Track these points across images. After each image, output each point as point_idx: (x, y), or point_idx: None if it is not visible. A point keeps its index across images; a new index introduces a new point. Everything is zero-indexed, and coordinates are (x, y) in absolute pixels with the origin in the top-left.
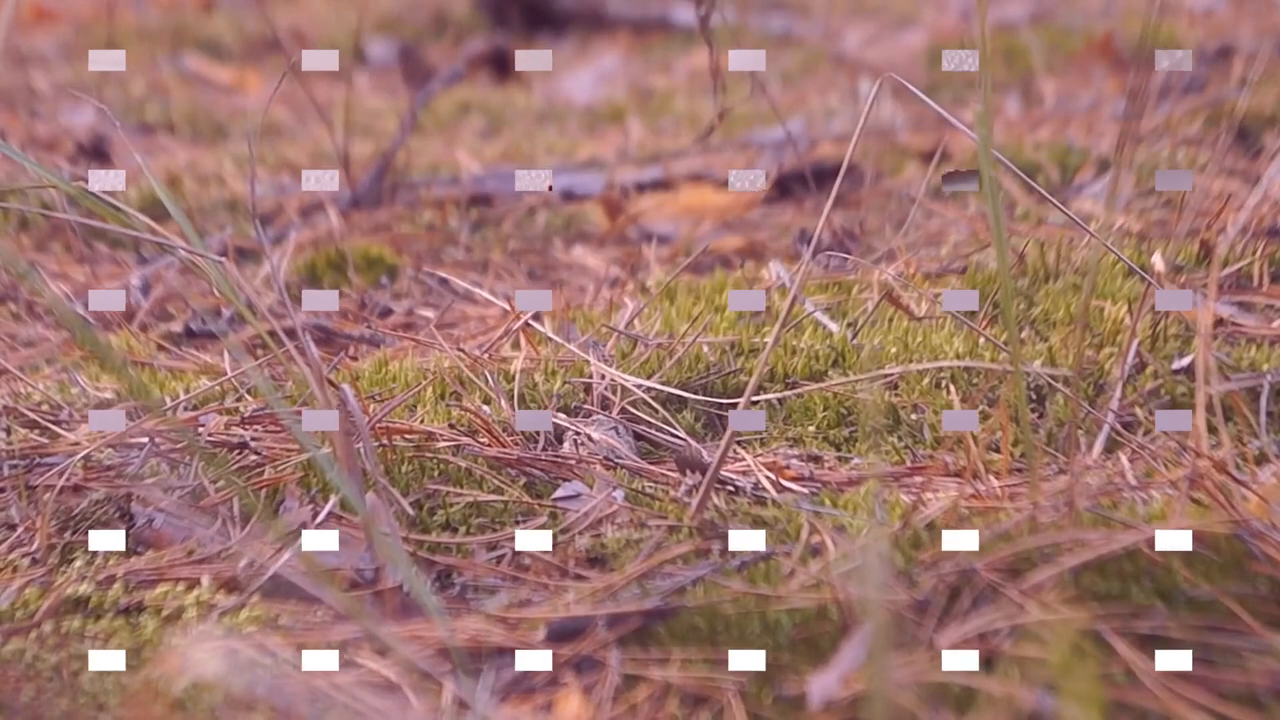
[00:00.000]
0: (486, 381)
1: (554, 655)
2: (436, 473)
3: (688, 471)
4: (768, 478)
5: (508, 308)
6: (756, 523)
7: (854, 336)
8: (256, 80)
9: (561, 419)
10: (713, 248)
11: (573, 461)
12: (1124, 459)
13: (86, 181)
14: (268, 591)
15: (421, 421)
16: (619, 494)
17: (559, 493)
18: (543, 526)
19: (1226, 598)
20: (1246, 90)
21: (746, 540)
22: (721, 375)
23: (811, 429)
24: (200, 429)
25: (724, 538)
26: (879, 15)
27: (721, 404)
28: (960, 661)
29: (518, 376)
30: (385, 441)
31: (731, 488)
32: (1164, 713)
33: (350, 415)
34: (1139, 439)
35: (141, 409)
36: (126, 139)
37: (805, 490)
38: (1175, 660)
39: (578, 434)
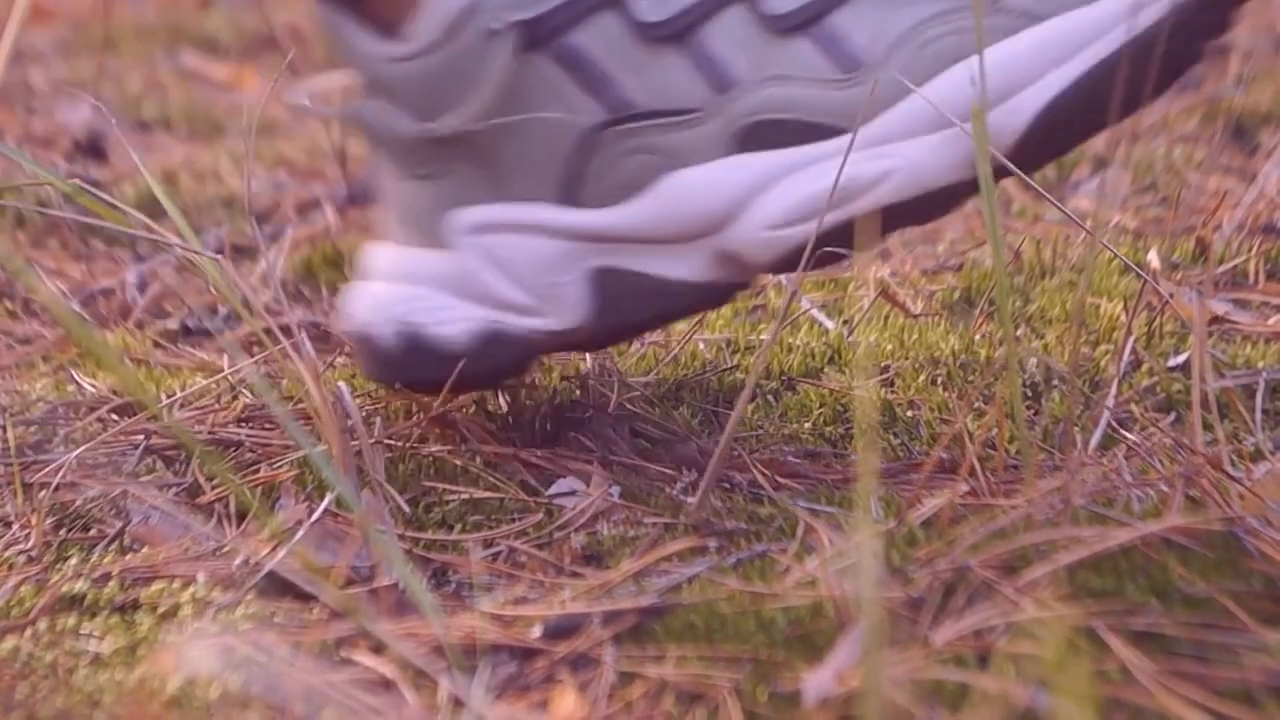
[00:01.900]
0: None
1: (550, 653)
2: (432, 470)
3: (684, 469)
4: (763, 474)
5: None
6: (753, 520)
7: (850, 334)
8: (254, 77)
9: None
10: None
11: (569, 457)
12: (1120, 456)
13: (83, 179)
14: (263, 589)
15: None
16: (615, 490)
17: (554, 489)
18: (538, 524)
19: (1222, 595)
20: (1243, 87)
21: None
22: (718, 372)
23: (808, 425)
24: (197, 426)
25: (721, 535)
26: None
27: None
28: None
29: None
30: (386, 440)
31: (727, 484)
32: (1159, 710)
33: (347, 413)
34: (1135, 436)
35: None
36: (123, 136)
37: (801, 487)
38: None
39: (574, 431)
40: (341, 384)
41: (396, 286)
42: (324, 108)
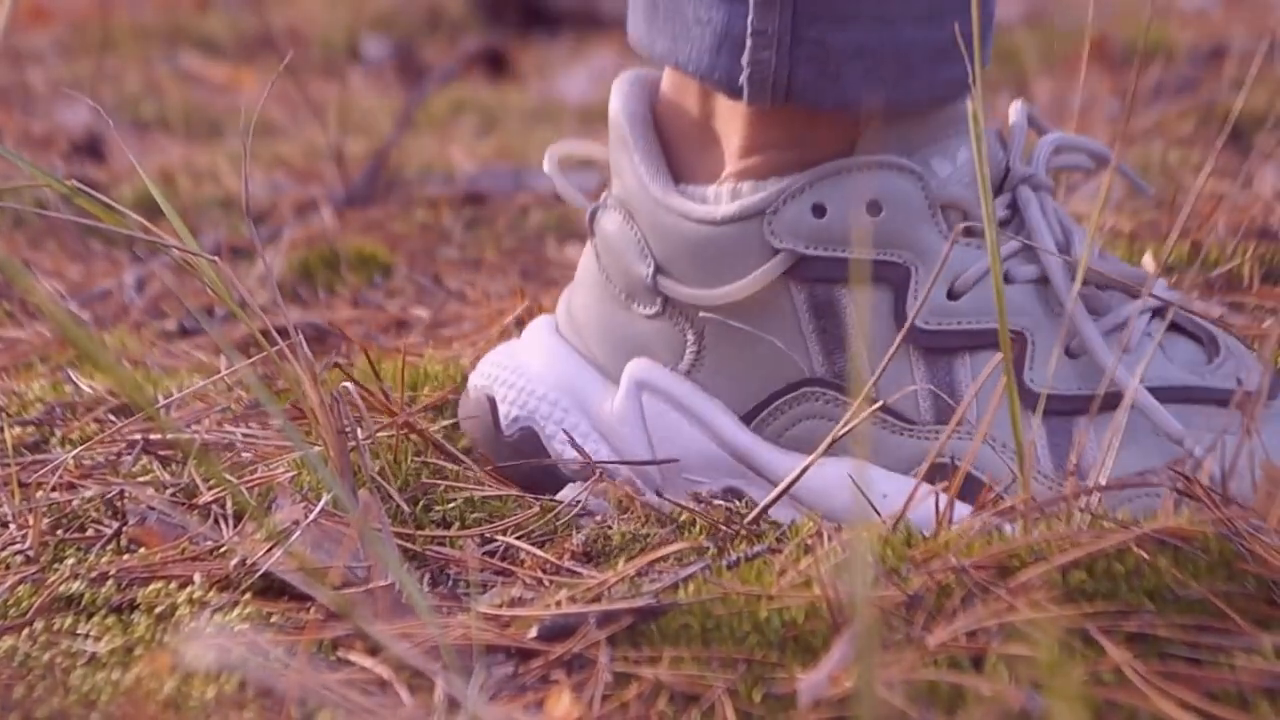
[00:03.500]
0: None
1: (546, 654)
2: (434, 470)
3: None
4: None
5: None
6: (758, 522)
7: None
8: (252, 78)
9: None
10: None
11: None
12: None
13: (81, 180)
14: (259, 590)
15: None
16: (650, 494)
17: (560, 495)
18: (539, 523)
19: (1215, 597)
20: (1244, 91)
21: None
22: None
23: None
24: (193, 427)
25: (720, 536)
26: None
27: None
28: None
29: None
30: (404, 433)
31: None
32: (1152, 711)
33: (344, 416)
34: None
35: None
36: (121, 137)
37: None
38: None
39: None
40: (346, 384)
41: (544, 387)
42: (571, 188)
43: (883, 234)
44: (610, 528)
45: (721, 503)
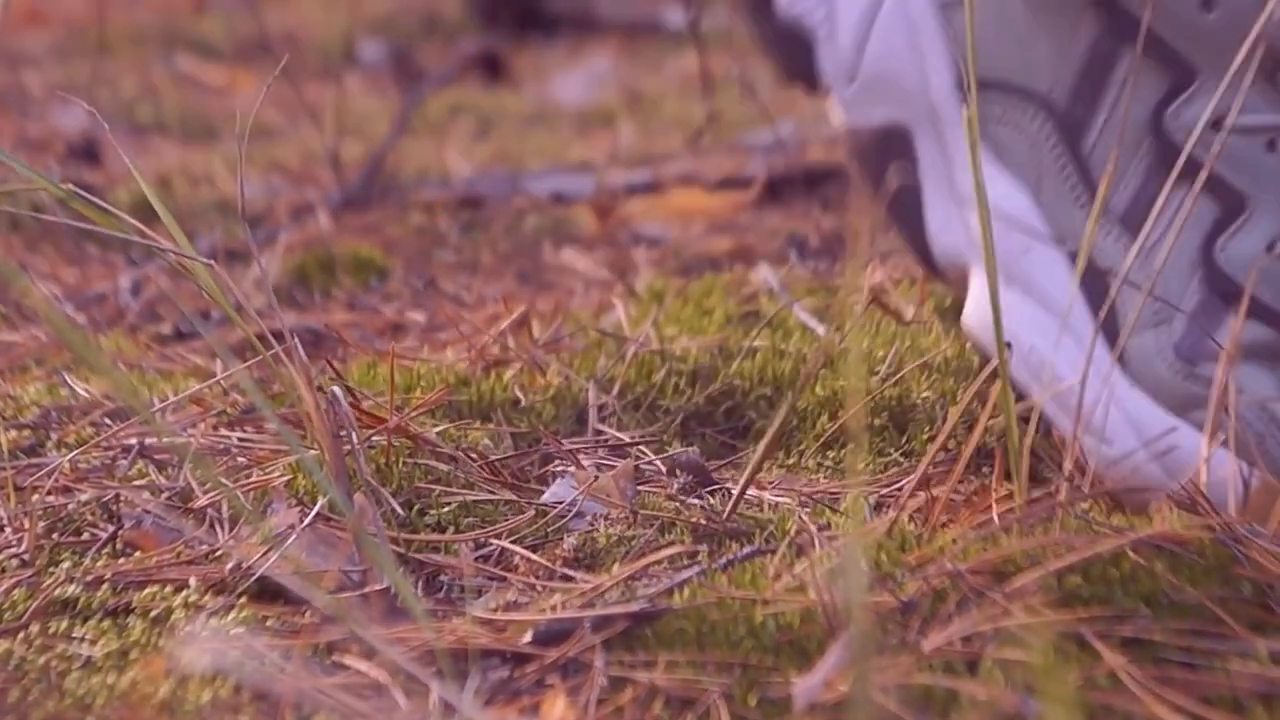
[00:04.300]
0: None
1: (541, 658)
2: (428, 476)
3: (678, 471)
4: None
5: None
6: (747, 522)
7: (841, 340)
8: (248, 81)
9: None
10: (702, 250)
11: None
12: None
13: (77, 183)
14: (255, 594)
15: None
16: (630, 491)
17: (547, 495)
18: (533, 527)
19: (1211, 601)
20: (1241, 91)
21: None
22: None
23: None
24: (189, 431)
25: (713, 537)
26: None
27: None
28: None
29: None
30: (392, 440)
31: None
32: (1148, 716)
33: (339, 418)
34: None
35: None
36: (117, 140)
37: (795, 490)
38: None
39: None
40: (335, 389)
41: None
42: None
43: (1202, 31)
44: (597, 530)
45: (696, 501)
